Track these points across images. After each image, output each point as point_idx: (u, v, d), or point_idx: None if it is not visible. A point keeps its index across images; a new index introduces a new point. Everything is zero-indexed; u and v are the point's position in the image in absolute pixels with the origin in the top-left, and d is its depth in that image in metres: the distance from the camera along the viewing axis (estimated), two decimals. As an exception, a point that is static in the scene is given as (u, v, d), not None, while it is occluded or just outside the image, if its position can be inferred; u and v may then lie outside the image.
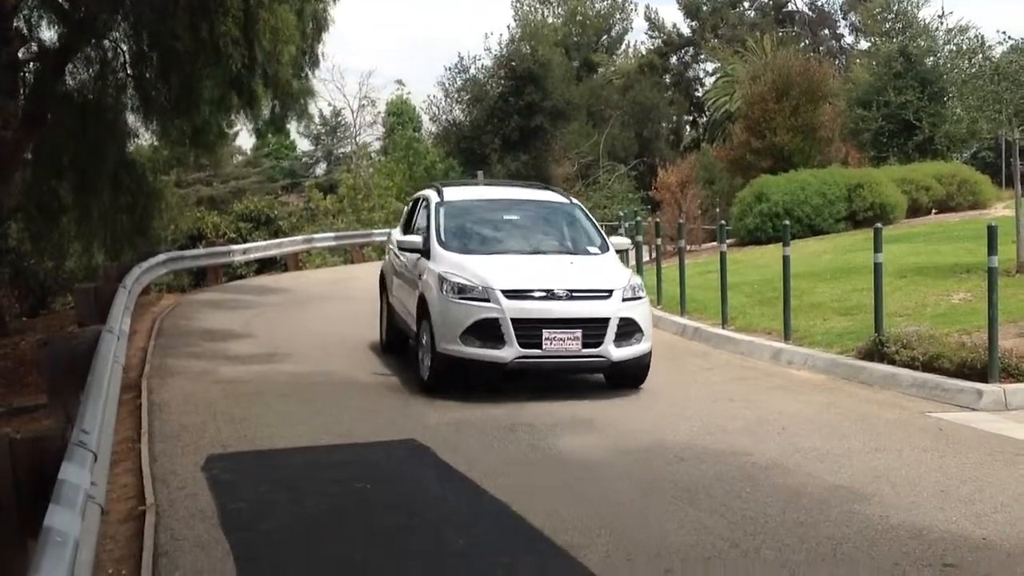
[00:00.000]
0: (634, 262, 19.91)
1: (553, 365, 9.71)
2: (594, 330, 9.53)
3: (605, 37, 62.68)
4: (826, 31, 61.88)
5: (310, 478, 7.20)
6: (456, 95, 48.64)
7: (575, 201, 12.10)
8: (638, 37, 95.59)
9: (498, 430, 8.47)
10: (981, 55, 15.72)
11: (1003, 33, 25.80)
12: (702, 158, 44.00)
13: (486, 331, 9.47)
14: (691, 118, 64.96)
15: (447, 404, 9.56)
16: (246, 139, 56.04)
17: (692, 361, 12.15)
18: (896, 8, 43.60)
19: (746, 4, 62.83)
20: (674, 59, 64.76)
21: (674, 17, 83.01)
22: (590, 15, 61.48)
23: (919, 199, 28.51)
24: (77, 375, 7.91)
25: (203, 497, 6.75)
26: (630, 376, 10.12)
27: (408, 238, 11.22)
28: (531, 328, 9.41)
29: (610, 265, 10.55)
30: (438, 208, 11.16)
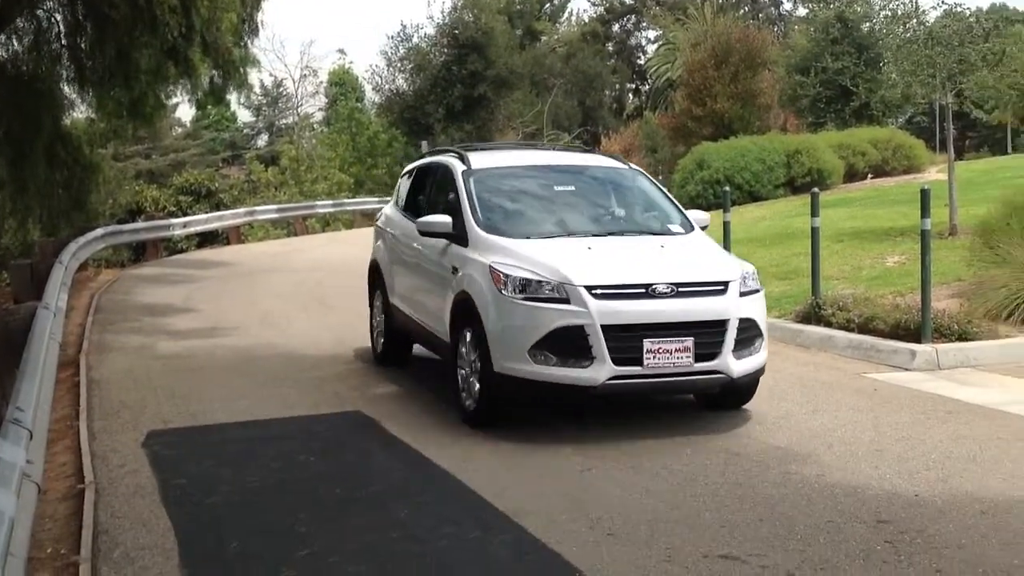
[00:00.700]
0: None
1: (656, 386, 7.31)
2: (709, 337, 7.20)
3: (548, 5, 62.51)
4: (766, -2, 62.27)
5: (253, 452, 7.17)
6: (399, 64, 48.28)
7: (635, 167, 9.58)
8: (580, 5, 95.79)
9: (442, 399, 8.48)
10: (915, 20, 15.92)
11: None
12: (645, 126, 44.20)
13: (567, 343, 7.06)
14: (634, 86, 65.21)
15: (389, 373, 9.56)
16: (186, 111, 55.16)
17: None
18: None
19: (687, -29, 62.99)
20: (616, 27, 64.87)
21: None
22: (532, -18, 61.26)
23: (856, 164, 28.92)
24: (12, 352, 7.80)
25: (143, 474, 6.70)
26: (741, 394, 7.84)
27: (431, 219, 8.41)
28: (628, 337, 7.04)
29: (709, 248, 8.21)
30: (467, 178, 8.56)
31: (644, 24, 63.23)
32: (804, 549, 5.04)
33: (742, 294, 7.43)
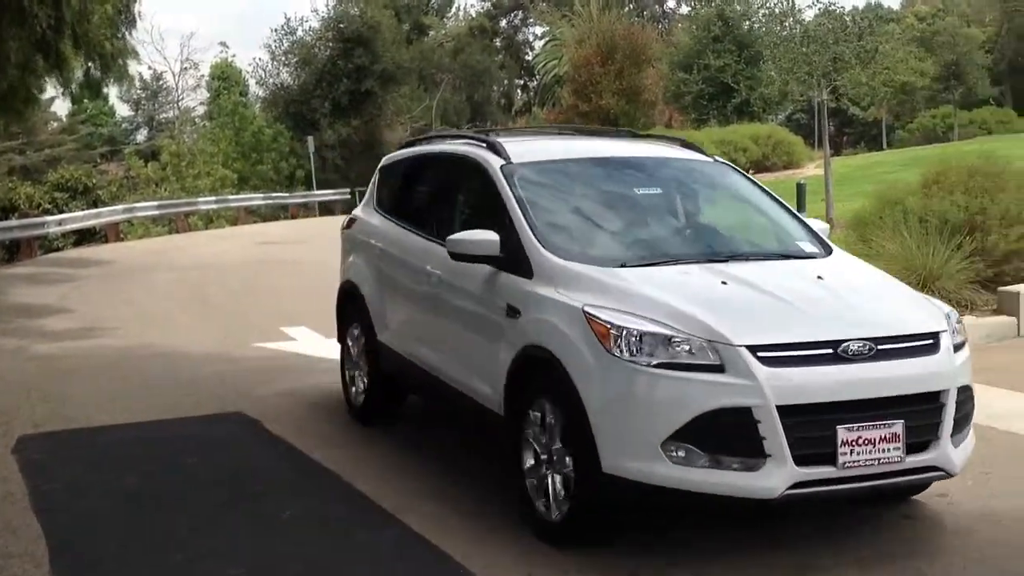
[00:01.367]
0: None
1: (855, 493, 4.86)
2: (923, 417, 4.86)
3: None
4: (650, -5, 63.23)
5: (130, 455, 6.98)
6: (283, 58, 47.66)
7: (720, 158, 7.09)
8: (468, 0, 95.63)
9: (327, 398, 8.39)
10: (792, 18, 16.35)
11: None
12: (533, 122, 44.48)
13: (724, 434, 4.65)
14: (522, 82, 65.57)
15: (276, 376, 9.42)
16: (62, 105, 53.49)
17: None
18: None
19: (572, -32, 63.55)
20: (504, 23, 65.09)
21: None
22: (418, -23, 61.07)
23: (738, 159, 29.53)
24: None
25: (13, 480, 6.45)
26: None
27: (469, 237, 5.78)
28: (815, 423, 4.66)
29: (881, 279, 5.77)
30: (508, 177, 6.02)
31: (531, 20, 63.59)
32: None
33: (955, 348, 5.07)
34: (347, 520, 5.57)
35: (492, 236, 5.64)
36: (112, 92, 49.84)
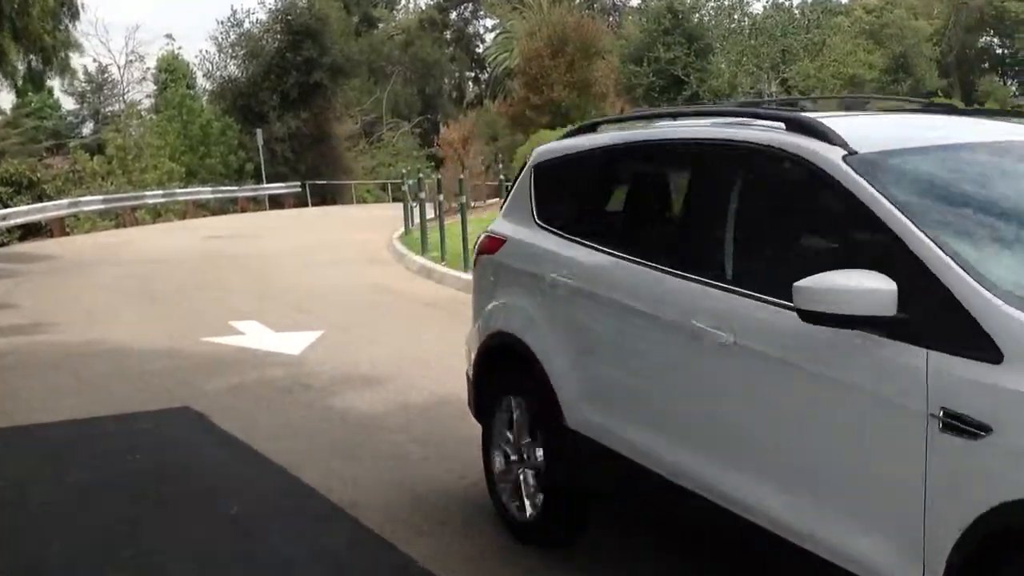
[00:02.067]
0: (417, 219, 19.98)
1: None
2: None
3: (384, -9, 62.15)
4: (600, -12, 63.38)
5: (75, 452, 6.88)
6: (230, 50, 47.11)
7: None
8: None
9: (276, 392, 8.34)
10: (740, 11, 16.46)
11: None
12: (484, 115, 44.45)
13: None
14: (473, 75, 65.51)
15: (225, 371, 9.33)
16: (6, 98, 52.57)
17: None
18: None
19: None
20: (454, 15, 64.93)
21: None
22: (367, -31, 60.72)
23: (689, 152, 29.74)
24: None
25: (-45, 479, 6.35)
26: None
27: (828, 285, 3.21)
28: None
29: None
30: (869, 178, 3.50)
31: (481, 12, 63.51)
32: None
33: None
34: (296, 515, 5.53)
35: (885, 284, 3.18)
36: (56, 85, 49.11)
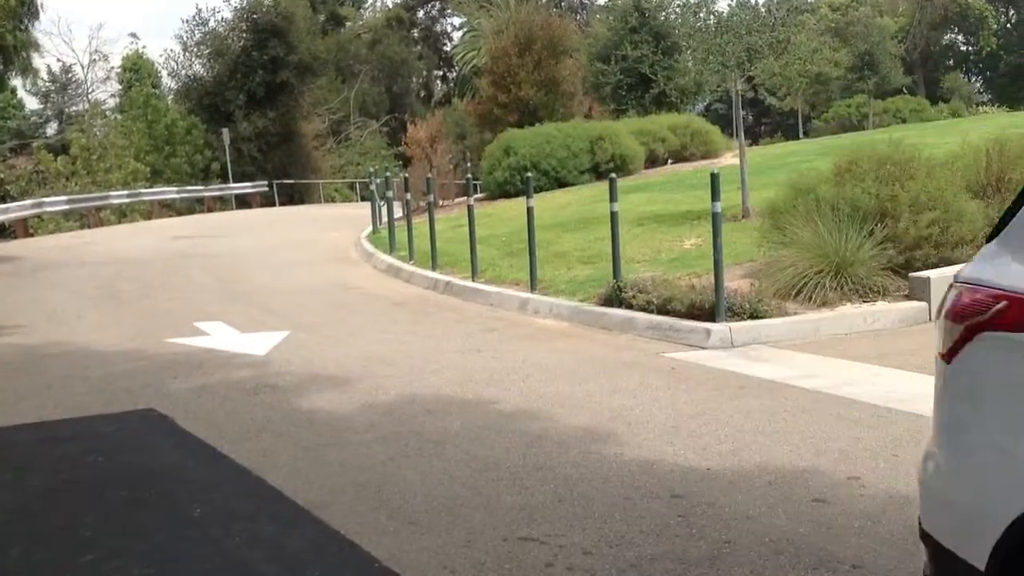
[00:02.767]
0: (385, 218, 19.88)
1: None
2: None
3: (351, -10, 61.84)
4: (568, -13, 63.38)
5: (37, 455, 6.79)
6: (196, 49, 46.73)
7: None
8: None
9: (241, 393, 8.25)
10: (706, 9, 16.46)
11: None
12: (452, 113, 44.24)
13: None
14: (441, 73, 65.33)
15: (190, 372, 9.24)
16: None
17: (444, 315, 12.22)
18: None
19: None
20: (421, 13, 64.73)
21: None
22: (334, -33, 60.38)
23: (656, 150, 29.73)
24: None
25: (-89, 484, 6.23)
26: None
27: None
28: None
29: None
30: None
31: (449, 11, 63.32)
32: (601, 527, 5.11)
33: None
34: (259, 516, 5.46)
35: None
36: (18, 85, 48.48)
